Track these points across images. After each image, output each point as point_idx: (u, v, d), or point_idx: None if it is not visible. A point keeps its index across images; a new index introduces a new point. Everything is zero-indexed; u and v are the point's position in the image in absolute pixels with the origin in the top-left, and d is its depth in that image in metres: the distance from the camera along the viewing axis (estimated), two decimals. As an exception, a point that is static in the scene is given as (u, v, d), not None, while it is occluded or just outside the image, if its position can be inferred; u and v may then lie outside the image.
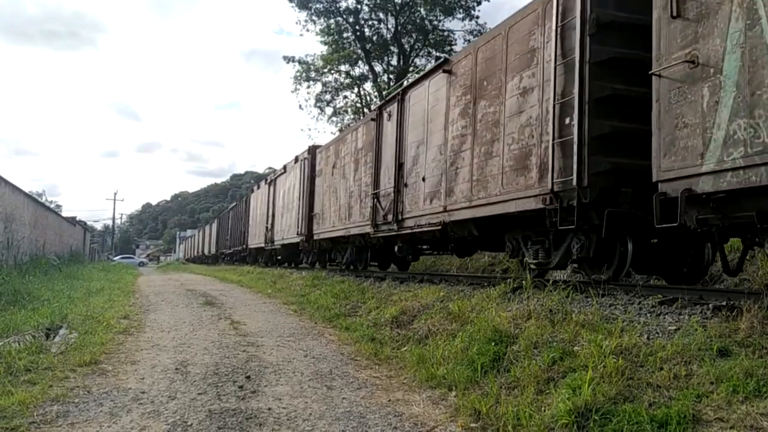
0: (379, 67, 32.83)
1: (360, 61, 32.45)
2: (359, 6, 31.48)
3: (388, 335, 6.69)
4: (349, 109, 33.39)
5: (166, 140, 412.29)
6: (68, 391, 4.41)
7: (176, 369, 5.28)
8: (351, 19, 31.61)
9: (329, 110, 33.88)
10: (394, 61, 32.73)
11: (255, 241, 25.84)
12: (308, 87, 33.45)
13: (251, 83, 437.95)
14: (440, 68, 9.10)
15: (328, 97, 33.64)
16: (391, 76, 32.14)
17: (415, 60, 32.74)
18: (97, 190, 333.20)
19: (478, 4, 30.84)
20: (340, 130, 18.14)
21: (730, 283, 7.30)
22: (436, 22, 31.99)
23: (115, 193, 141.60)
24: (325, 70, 32.82)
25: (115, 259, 67.94)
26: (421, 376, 4.88)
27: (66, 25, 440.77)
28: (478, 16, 31.02)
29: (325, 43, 32.33)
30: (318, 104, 33.52)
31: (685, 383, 3.30)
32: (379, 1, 31.24)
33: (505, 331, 5.03)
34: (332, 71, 32.87)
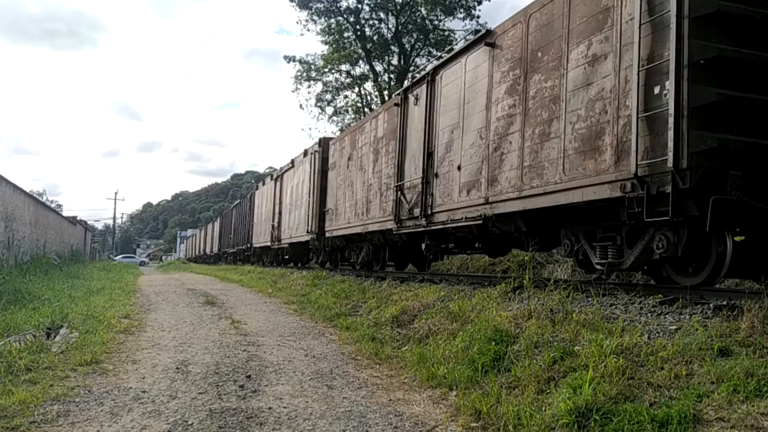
0: (379, 67, 32.90)
1: (360, 61, 32.50)
2: (360, 5, 31.53)
3: (388, 335, 6.70)
4: (350, 109, 33.46)
5: (167, 140, 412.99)
6: (69, 391, 4.41)
7: (177, 368, 5.28)
8: (351, 19, 31.64)
9: (330, 110, 33.96)
10: (395, 61, 32.76)
11: (260, 240, 25.01)
12: (309, 87, 33.55)
13: (252, 83, 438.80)
14: (481, 41, 7.91)
15: (328, 96, 33.72)
16: (392, 76, 32.18)
17: (416, 60, 32.77)
18: (98, 190, 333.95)
19: (479, 3, 30.89)
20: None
21: (731, 282, 7.29)
22: (436, 22, 32.02)
23: (115, 193, 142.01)
24: (326, 70, 32.87)
25: (117, 258, 68.02)
26: (421, 376, 4.89)
27: (67, 24, 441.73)
28: (478, 16, 31.10)
29: (326, 43, 32.39)
30: (319, 104, 33.60)
31: (685, 383, 3.30)
32: (379, 1, 31.26)
33: (505, 330, 5.03)
34: (333, 71, 32.92)
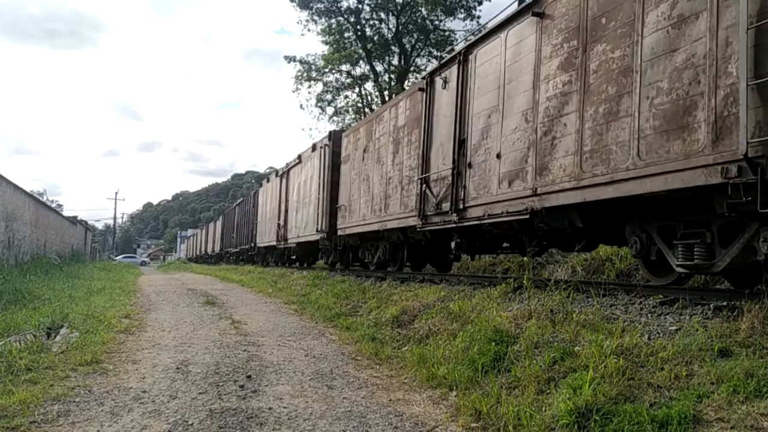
0: (380, 67, 32.93)
1: (361, 61, 32.54)
2: (360, 6, 31.55)
3: (388, 335, 6.70)
4: (350, 109, 33.48)
5: (167, 139, 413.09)
6: (69, 391, 4.42)
7: (177, 368, 5.29)
8: (352, 19, 31.66)
9: (330, 110, 34.00)
10: (395, 61, 32.79)
11: (265, 239, 24.04)
12: (309, 87, 33.59)
13: (252, 83, 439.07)
14: (527, 12, 7.00)
15: (329, 96, 33.76)
16: (392, 76, 32.20)
17: (416, 60, 32.81)
18: (98, 190, 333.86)
19: (479, 3, 30.92)
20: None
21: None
22: (437, 22, 32.04)
23: (116, 193, 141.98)
24: (326, 70, 32.91)
25: (118, 258, 68.04)
26: (421, 376, 4.89)
27: (67, 24, 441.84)
28: (479, 16, 31.14)
29: (326, 43, 32.43)
30: (319, 104, 33.64)
31: (685, 383, 3.30)
32: (380, 1, 31.29)
33: (505, 330, 5.03)
34: (333, 71, 32.96)
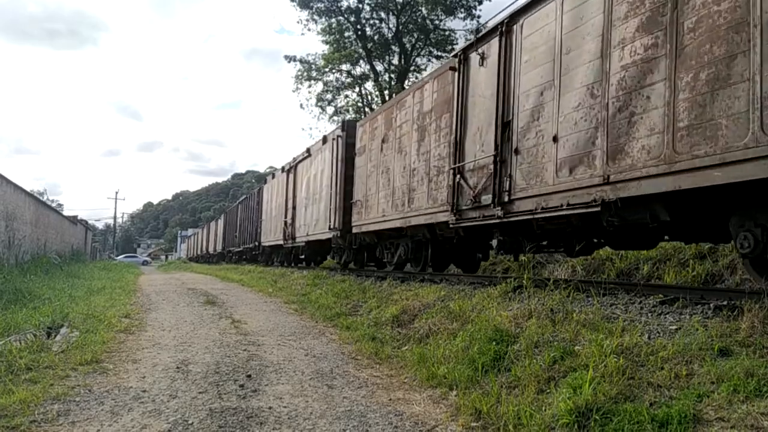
0: (380, 67, 32.94)
1: (361, 61, 32.55)
2: (360, 5, 31.56)
3: (388, 334, 6.70)
4: (350, 109, 33.48)
5: (167, 139, 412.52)
6: (69, 390, 4.42)
7: (177, 368, 5.29)
8: (352, 19, 31.67)
9: (330, 109, 34.02)
10: (396, 61, 32.79)
11: (270, 238, 23.02)
12: (309, 86, 33.61)
13: (252, 83, 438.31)
14: None
15: (329, 96, 33.77)
16: (393, 76, 32.21)
17: (416, 59, 32.83)
18: (99, 189, 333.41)
19: (480, 3, 30.93)
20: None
21: (731, 282, 7.29)
22: (437, 22, 32.05)
23: (116, 192, 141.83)
24: (327, 70, 32.92)
25: (119, 258, 68.04)
26: (421, 376, 4.89)
27: (67, 23, 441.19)
28: (479, 16, 31.15)
29: (327, 43, 32.43)
30: (319, 103, 33.66)
31: (686, 383, 3.30)
32: (380, 1, 31.29)
33: (506, 330, 5.03)
34: (333, 70, 32.98)
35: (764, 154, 4.19)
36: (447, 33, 32.16)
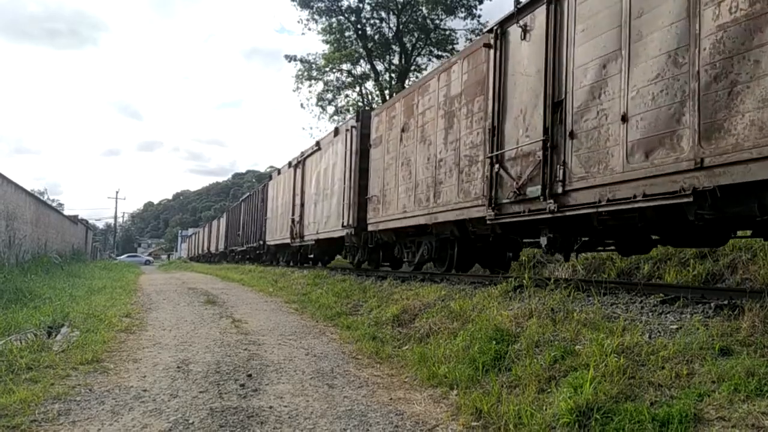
0: (380, 66, 32.96)
1: (362, 60, 32.56)
2: (361, 5, 31.56)
3: (389, 334, 6.70)
4: (351, 108, 33.47)
5: (168, 139, 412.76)
6: (70, 390, 4.42)
7: (178, 367, 5.29)
8: (353, 18, 31.67)
9: (331, 109, 34.03)
10: (396, 60, 32.80)
11: (276, 237, 21.92)
12: (310, 86, 33.62)
13: (252, 82, 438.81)
14: None
15: (329, 96, 33.79)
16: (393, 75, 32.23)
17: (417, 59, 32.84)
18: (99, 189, 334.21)
19: (480, 2, 30.93)
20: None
21: (732, 281, 7.28)
22: (437, 21, 32.06)
23: (116, 192, 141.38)
24: (327, 69, 32.93)
25: (122, 258, 68.04)
26: (422, 375, 4.89)
27: (67, 23, 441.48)
28: (480, 15, 31.16)
29: (327, 42, 32.44)
30: (320, 103, 33.67)
31: (686, 382, 3.30)
32: (380, 0, 31.29)
33: (506, 329, 5.03)
34: (334, 70, 32.99)
35: None
36: (447, 33, 32.18)
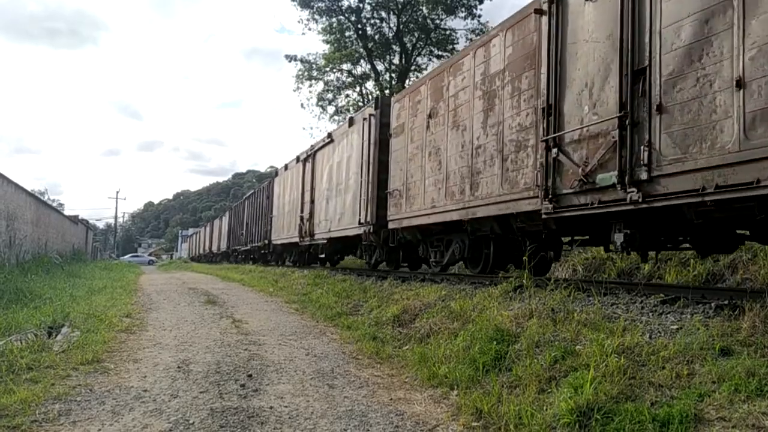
0: (381, 66, 33.01)
1: (362, 60, 32.60)
2: (361, 5, 31.59)
3: (389, 334, 6.70)
4: (351, 108, 33.50)
5: (168, 139, 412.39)
6: (70, 390, 4.42)
7: (178, 367, 5.29)
8: (353, 18, 31.70)
9: (331, 109, 34.06)
10: (396, 60, 32.83)
11: (283, 235, 20.67)
12: (310, 86, 33.67)
13: (253, 82, 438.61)
14: None
15: (330, 95, 33.83)
16: (393, 75, 32.24)
17: (417, 59, 32.86)
18: (99, 189, 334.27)
19: (480, 2, 30.96)
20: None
21: (732, 282, 7.28)
22: (438, 21, 32.08)
23: (117, 192, 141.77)
24: (327, 69, 32.96)
25: (126, 258, 68.00)
26: (422, 375, 4.89)
27: (67, 23, 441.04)
28: (480, 15, 31.22)
29: (327, 42, 32.47)
30: (320, 103, 33.72)
31: (687, 382, 3.30)
32: (380, 0, 31.31)
33: (506, 330, 5.03)
34: (334, 70, 33.03)
35: None
36: (448, 32, 32.21)
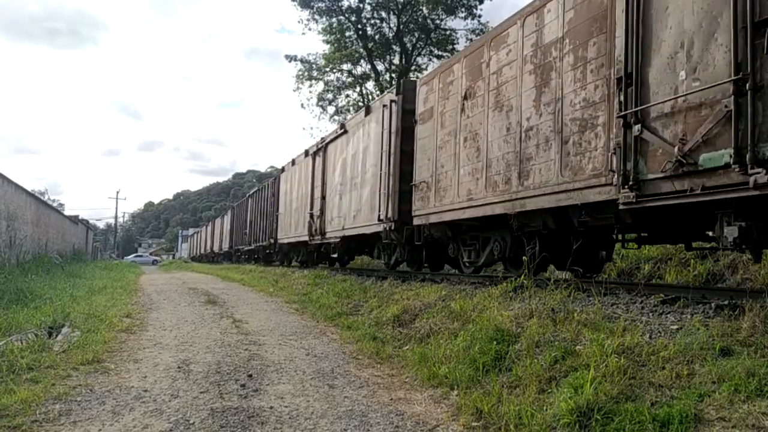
0: (381, 66, 33.02)
1: (362, 60, 32.62)
2: (361, 5, 31.60)
3: (389, 334, 6.70)
4: (351, 108, 33.51)
5: (168, 139, 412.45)
6: (70, 390, 4.42)
7: (178, 367, 5.29)
8: (353, 18, 31.71)
9: (331, 109, 34.07)
10: (396, 60, 32.83)
11: (290, 234, 19.44)
12: (310, 86, 33.68)
13: (253, 82, 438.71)
14: None
15: (330, 96, 33.85)
16: (393, 75, 32.23)
17: (417, 59, 32.87)
18: (100, 189, 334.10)
19: (480, 2, 30.98)
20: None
21: (732, 282, 7.28)
22: (438, 21, 32.09)
23: (117, 192, 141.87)
24: (327, 69, 32.97)
25: (129, 258, 67.99)
26: (422, 375, 4.89)
27: (67, 23, 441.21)
28: (480, 15, 31.23)
29: (327, 42, 32.49)
30: (320, 103, 33.74)
31: (687, 382, 3.30)
32: (381, 0, 31.32)
33: (507, 330, 5.03)
34: (334, 70, 33.04)
35: None
36: (448, 33, 32.22)
